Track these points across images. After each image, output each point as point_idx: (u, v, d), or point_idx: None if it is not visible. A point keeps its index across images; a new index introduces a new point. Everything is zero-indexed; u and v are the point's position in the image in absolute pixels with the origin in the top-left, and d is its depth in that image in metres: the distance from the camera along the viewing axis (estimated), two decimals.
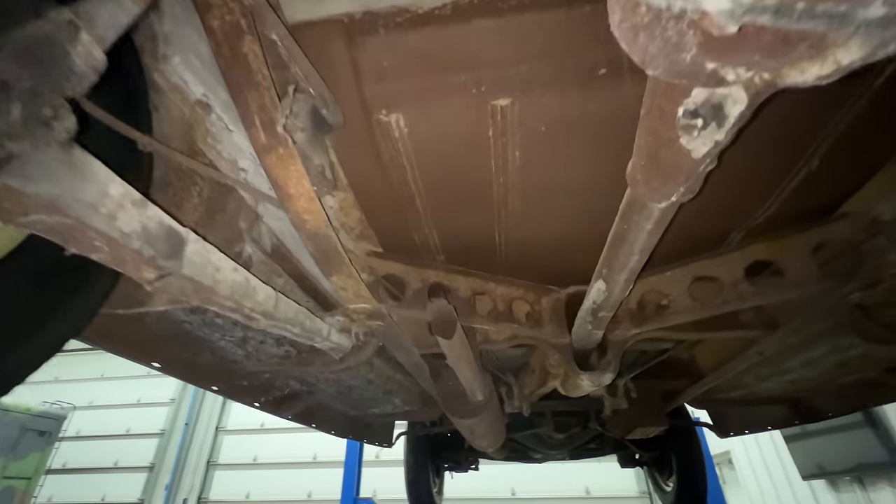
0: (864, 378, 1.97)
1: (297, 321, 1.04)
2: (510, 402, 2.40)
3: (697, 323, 1.65)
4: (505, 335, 1.73)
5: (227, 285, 0.79)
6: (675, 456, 3.96)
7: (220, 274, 0.77)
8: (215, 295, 0.77)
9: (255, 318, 0.90)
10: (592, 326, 1.41)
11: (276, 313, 0.94)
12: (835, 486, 6.05)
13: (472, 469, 4.60)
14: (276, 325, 0.98)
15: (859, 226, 1.30)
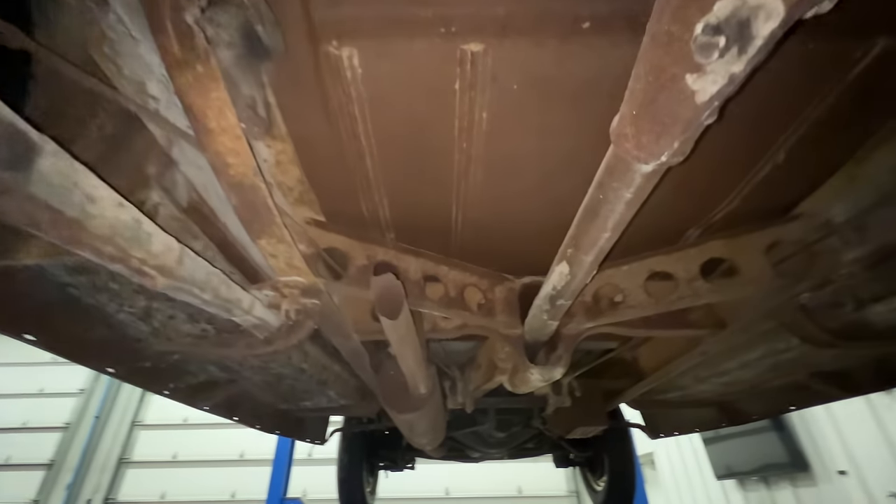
0: (791, 382, 2.06)
1: (208, 285, 0.85)
2: (453, 398, 2.29)
3: (649, 320, 1.62)
4: (455, 323, 1.61)
5: (105, 223, 0.60)
6: (607, 456, 4.05)
7: (94, 206, 0.58)
8: (85, 233, 0.57)
9: (148, 275, 0.71)
10: (548, 316, 1.33)
11: (178, 271, 0.75)
12: (743, 485, 6.54)
13: (408, 468, 4.46)
14: (179, 288, 0.79)
15: (813, 226, 1.31)
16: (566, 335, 1.57)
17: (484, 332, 1.60)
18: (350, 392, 2.47)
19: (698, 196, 1.35)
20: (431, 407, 1.82)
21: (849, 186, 1.20)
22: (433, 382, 1.75)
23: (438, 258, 1.55)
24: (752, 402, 2.49)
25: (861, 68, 0.91)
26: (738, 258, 1.38)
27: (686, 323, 1.62)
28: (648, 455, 8.94)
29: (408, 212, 1.37)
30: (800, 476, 5.44)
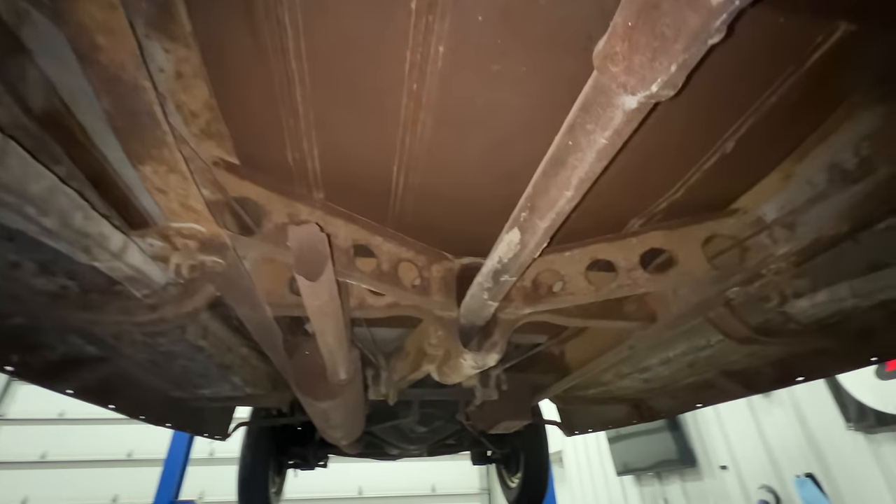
0: (702, 380, 2.17)
1: (52, 206, 0.62)
2: (375, 389, 2.12)
3: (586, 309, 1.59)
4: (385, 301, 1.45)
5: None
6: (524, 453, 4.10)
7: None
8: None
9: None
10: (489, 296, 1.22)
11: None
12: (640, 480, 7.05)
13: (320, 467, 4.17)
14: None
15: (746, 223, 1.34)
16: (503, 320, 1.48)
17: (417, 312, 1.46)
18: (259, 379, 2.19)
19: (645, 184, 1.32)
20: (351, 396, 1.64)
21: (783, 185, 1.23)
22: (355, 368, 1.57)
23: (373, 226, 1.38)
24: (664, 400, 2.61)
25: (820, 54, 0.91)
26: (677, 250, 1.38)
27: (620, 315, 1.61)
28: (558, 453, 9.35)
29: (342, 167, 1.19)
30: (688, 471, 5.96)
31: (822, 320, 1.48)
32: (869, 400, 3.69)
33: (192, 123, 0.99)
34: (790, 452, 4.44)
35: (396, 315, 1.48)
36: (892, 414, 3.53)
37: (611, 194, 1.35)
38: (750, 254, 1.31)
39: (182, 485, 6.01)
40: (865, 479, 3.73)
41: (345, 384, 1.53)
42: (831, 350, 1.66)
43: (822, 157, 1.13)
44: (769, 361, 1.90)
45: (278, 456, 3.78)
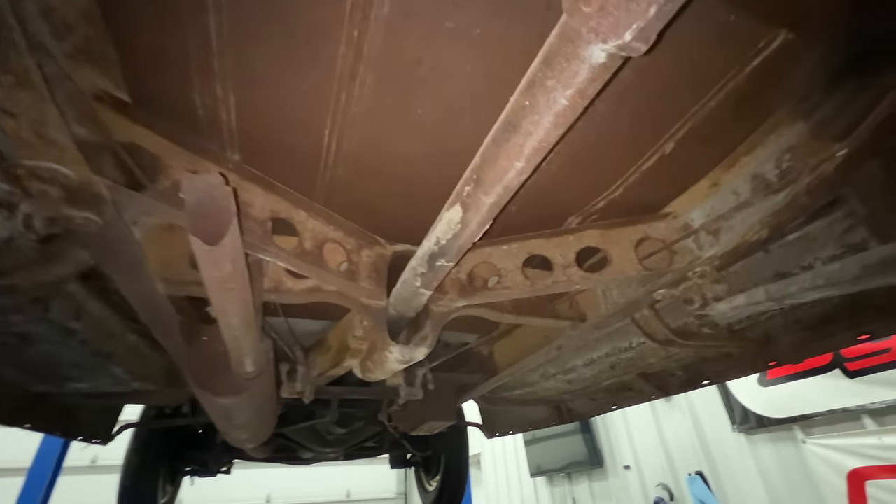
0: (620, 382, 2.25)
1: None
2: (290, 386, 1.92)
3: (519, 306, 1.55)
4: (306, 284, 1.30)
5: None
6: (444, 456, 4.04)
7: None
8: None
9: None
10: (421, 283, 1.12)
11: None
12: (552, 481, 7.35)
13: (222, 473, 3.78)
14: None
15: (675, 227, 1.37)
16: (436, 313, 1.39)
17: (341, 299, 1.32)
18: (150, 372, 1.90)
19: (586, 180, 1.31)
20: (259, 392, 1.45)
21: (711, 192, 1.28)
22: (266, 361, 1.39)
23: (298, 199, 1.23)
24: (584, 401, 2.68)
25: (760, 60, 0.93)
26: (611, 249, 1.39)
27: (552, 313, 1.59)
28: (476, 455, 9.49)
29: (264, 123, 1.03)
30: (596, 471, 6.32)
31: (732, 325, 1.58)
32: (751, 404, 4.13)
33: (65, 38, 0.78)
34: (685, 452, 4.85)
35: (318, 302, 1.33)
36: (768, 417, 3.98)
37: (552, 189, 1.33)
38: (677, 257, 1.35)
39: (50, 498, 5.17)
40: (745, 475, 4.17)
41: (252, 378, 1.34)
42: (736, 354, 1.78)
43: (748, 167, 1.19)
44: (681, 365, 2.01)
45: (172, 461, 3.35)
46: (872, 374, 3.33)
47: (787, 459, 3.90)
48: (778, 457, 3.98)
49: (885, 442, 3.16)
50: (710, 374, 1.94)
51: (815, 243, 1.23)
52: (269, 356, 1.42)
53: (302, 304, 1.85)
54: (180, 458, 3.40)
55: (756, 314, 1.49)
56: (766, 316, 1.50)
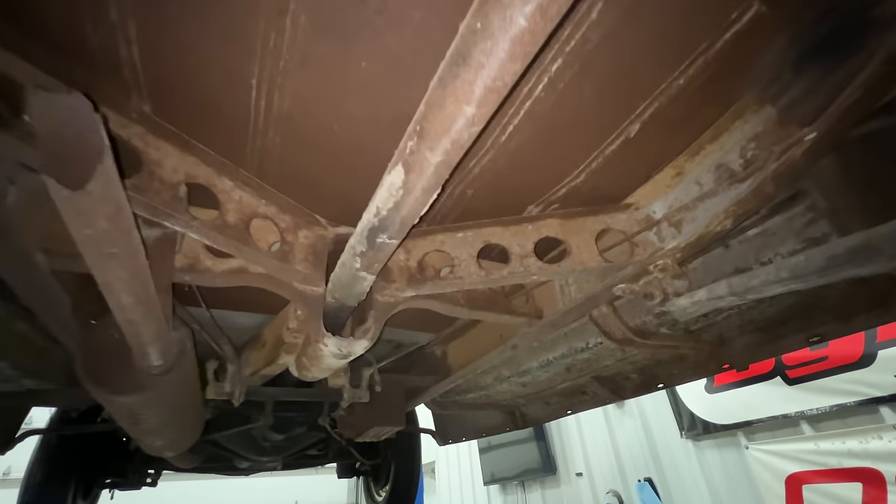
0: (574, 385, 2.18)
1: None
2: (217, 386, 1.72)
3: (473, 299, 1.44)
4: (229, 265, 1.13)
5: None
6: (395, 464, 3.86)
7: None
8: None
9: None
10: (362, 264, 0.99)
11: None
12: (505, 489, 7.28)
13: (147, 485, 3.43)
14: None
15: (637, 218, 1.31)
16: (380, 303, 1.26)
17: (271, 284, 1.16)
18: (46, 368, 1.63)
19: (548, 164, 1.23)
20: (171, 391, 1.26)
21: (674, 182, 1.23)
22: (180, 353, 1.20)
23: (222, 164, 1.06)
24: (538, 406, 2.61)
25: (731, 34, 0.88)
26: (571, 240, 1.31)
27: (507, 308, 1.49)
28: (431, 464, 9.30)
29: (176, 65, 0.87)
30: (549, 479, 6.30)
31: (689, 325, 1.54)
32: (698, 410, 4.23)
33: None
34: (635, 459, 4.91)
35: (253, 292, 1.16)
36: (714, 423, 4.09)
37: (511, 173, 1.24)
38: (638, 249, 1.28)
39: None
40: (691, 481, 4.25)
41: (160, 374, 1.15)
42: (690, 357, 1.75)
43: (712, 156, 1.14)
44: (636, 367, 1.96)
45: (86, 473, 2.99)
46: (811, 382, 3.48)
47: (731, 465, 4.01)
48: (722, 462, 4.09)
49: (822, 447, 3.30)
50: (664, 377, 1.90)
51: (775, 238, 1.20)
52: (185, 349, 1.23)
53: (235, 295, 1.67)
54: (96, 468, 3.03)
55: (713, 313, 1.45)
56: (723, 316, 1.46)
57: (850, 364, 3.26)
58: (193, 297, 1.49)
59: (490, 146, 1.12)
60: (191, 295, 1.50)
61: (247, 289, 1.62)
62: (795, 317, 1.43)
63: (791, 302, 1.39)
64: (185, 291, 1.44)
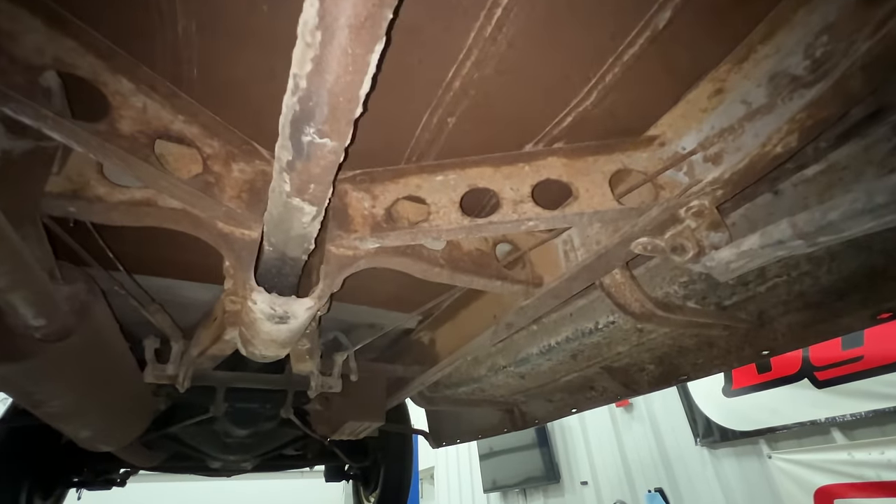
0: (580, 378, 1.90)
1: None
2: (157, 368, 1.45)
3: (456, 261, 1.17)
4: (130, 195, 0.87)
5: None
6: (384, 468, 3.57)
7: None
8: None
9: None
10: (292, 186, 0.73)
11: None
12: (506, 497, 6.94)
13: (115, 485, 3.16)
14: None
15: (661, 156, 1.04)
16: (335, 256, 1.00)
17: (188, 223, 0.90)
18: None
19: (548, 78, 0.96)
20: (71, 362, 1.00)
21: (712, 103, 0.95)
22: (78, 313, 0.95)
23: (118, 58, 0.81)
24: (539, 403, 2.32)
25: None
26: (578, 182, 1.04)
27: (499, 273, 1.22)
28: (429, 469, 8.98)
29: None
30: (552, 487, 5.97)
31: (723, 298, 1.26)
32: (715, 416, 3.91)
33: None
34: (645, 467, 4.58)
35: (151, 224, 0.90)
36: (733, 430, 3.76)
37: (503, 92, 0.97)
38: (664, 193, 1.01)
39: None
40: (707, 492, 3.92)
41: (47, 338, 0.90)
42: (720, 342, 1.46)
43: (766, 62, 0.87)
44: (654, 356, 1.68)
45: (43, 471, 2.73)
46: (844, 384, 3.15)
47: (751, 475, 3.68)
48: (742, 472, 3.75)
49: (856, 458, 2.96)
50: (686, 368, 1.61)
51: (847, 174, 0.92)
52: (86, 309, 0.97)
53: (181, 258, 1.41)
54: (56, 467, 2.77)
55: (755, 281, 1.17)
56: (767, 286, 1.18)
57: (890, 365, 2.91)
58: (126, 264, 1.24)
59: (473, 44, 0.85)
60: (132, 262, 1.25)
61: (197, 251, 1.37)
62: (859, 287, 1.14)
63: (854, 268, 1.11)
64: (107, 257, 1.19)
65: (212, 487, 8.94)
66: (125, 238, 1.20)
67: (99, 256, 1.17)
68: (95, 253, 1.16)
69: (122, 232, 1.16)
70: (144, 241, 1.26)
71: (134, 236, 1.22)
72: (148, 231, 1.27)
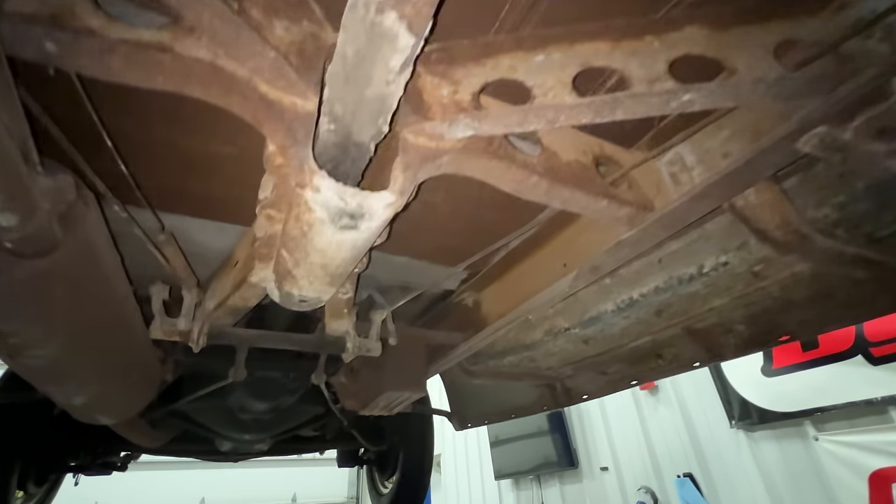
0: (655, 341, 1.66)
1: None
2: (166, 322, 1.20)
3: (556, 170, 0.91)
4: (136, 34, 0.60)
5: None
6: (403, 452, 3.35)
7: None
8: None
9: None
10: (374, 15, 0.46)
11: None
12: (518, 484, 6.76)
13: (116, 470, 2.93)
14: None
15: (841, 24, 0.78)
16: (413, 146, 0.74)
17: (216, 84, 0.63)
18: None
19: None
20: (57, 288, 0.74)
21: None
22: (65, 218, 0.69)
23: None
24: (589, 377, 2.08)
25: None
26: (732, 58, 0.78)
27: (605, 191, 0.96)
28: (436, 457, 8.80)
29: None
30: (568, 473, 5.78)
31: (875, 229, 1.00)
32: (753, 397, 3.69)
33: None
34: (672, 452, 4.38)
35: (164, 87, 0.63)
36: (773, 411, 3.55)
37: None
38: (850, 66, 0.75)
39: None
40: (743, 477, 3.72)
41: (18, 250, 0.64)
42: (841, 293, 1.21)
43: None
44: (748, 314, 1.43)
45: (34, 454, 2.48)
46: None
47: (793, 459, 3.47)
48: (783, 456, 3.54)
49: None
50: (791, 325, 1.37)
51: None
52: (75, 214, 0.72)
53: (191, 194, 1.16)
54: (49, 450, 2.53)
55: None
56: None
57: None
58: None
59: None
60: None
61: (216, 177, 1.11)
62: None
63: None
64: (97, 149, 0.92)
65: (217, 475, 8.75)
66: (122, 147, 0.93)
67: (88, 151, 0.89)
68: (82, 145, 0.88)
69: (119, 120, 0.90)
70: (147, 156, 1.00)
71: (132, 147, 0.96)
72: (151, 141, 1.00)
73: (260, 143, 0.73)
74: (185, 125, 0.99)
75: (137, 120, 0.95)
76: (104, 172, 0.91)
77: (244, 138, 1.02)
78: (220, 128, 1.00)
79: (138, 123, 0.95)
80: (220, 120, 0.98)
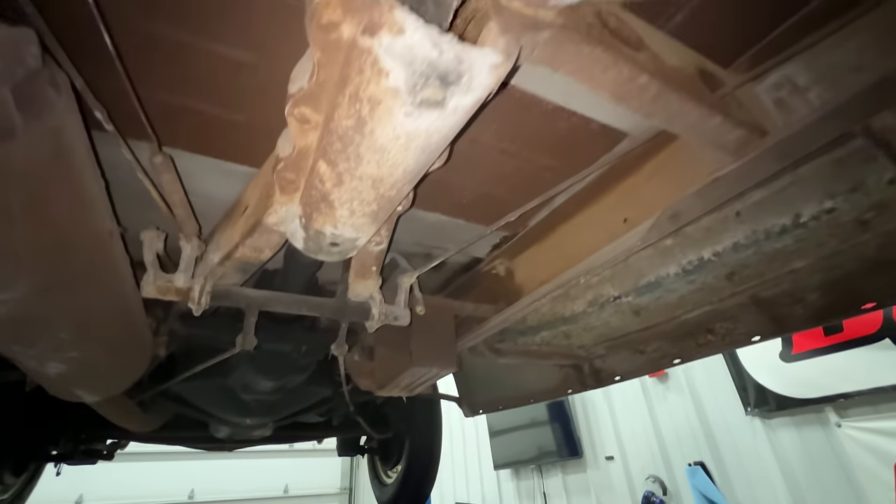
0: (712, 313, 1.49)
1: None
2: (161, 277, 0.99)
3: (664, 70, 0.72)
4: None
5: None
6: (409, 440, 3.18)
7: None
8: None
9: None
10: None
11: None
12: (518, 474, 6.65)
13: (102, 458, 2.71)
14: None
15: None
16: (509, 11, 0.54)
17: None
18: None
19: None
20: (14, 194, 0.54)
21: None
22: (31, 100, 0.48)
23: None
24: (624, 357, 1.91)
25: None
26: None
27: (718, 104, 0.78)
28: None
29: None
30: (571, 463, 5.66)
31: None
32: (770, 384, 3.58)
33: None
34: (682, 441, 4.27)
35: None
36: (792, 397, 3.44)
37: None
38: None
39: None
40: (759, 465, 3.62)
41: None
42: None
43: None
44: (825, 279, 1.26)
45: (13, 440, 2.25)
46: None
47: (813, 446, 3.37)
48: (802, 443, 3.44)
49: None
50: (871, 293, 1.21)
51: None
52: (40, 98, 0.51)
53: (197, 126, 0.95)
54: (25, 434, 2.30)
55: None
56: None
57: None
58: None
59: None
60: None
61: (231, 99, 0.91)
62: None
63: None
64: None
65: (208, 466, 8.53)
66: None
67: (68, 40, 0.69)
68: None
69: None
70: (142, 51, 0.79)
71: (123, 37, 0.75)
72: (149, 35, 0.79)
73: (283, 50, 0.53)
74: (195, 19, 0.78)
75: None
76: (87, 64, 0.70)
77: (265, 42, 0.81)
78: (235, 25, 0.79)
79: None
80: (239, 14, 0.77)
